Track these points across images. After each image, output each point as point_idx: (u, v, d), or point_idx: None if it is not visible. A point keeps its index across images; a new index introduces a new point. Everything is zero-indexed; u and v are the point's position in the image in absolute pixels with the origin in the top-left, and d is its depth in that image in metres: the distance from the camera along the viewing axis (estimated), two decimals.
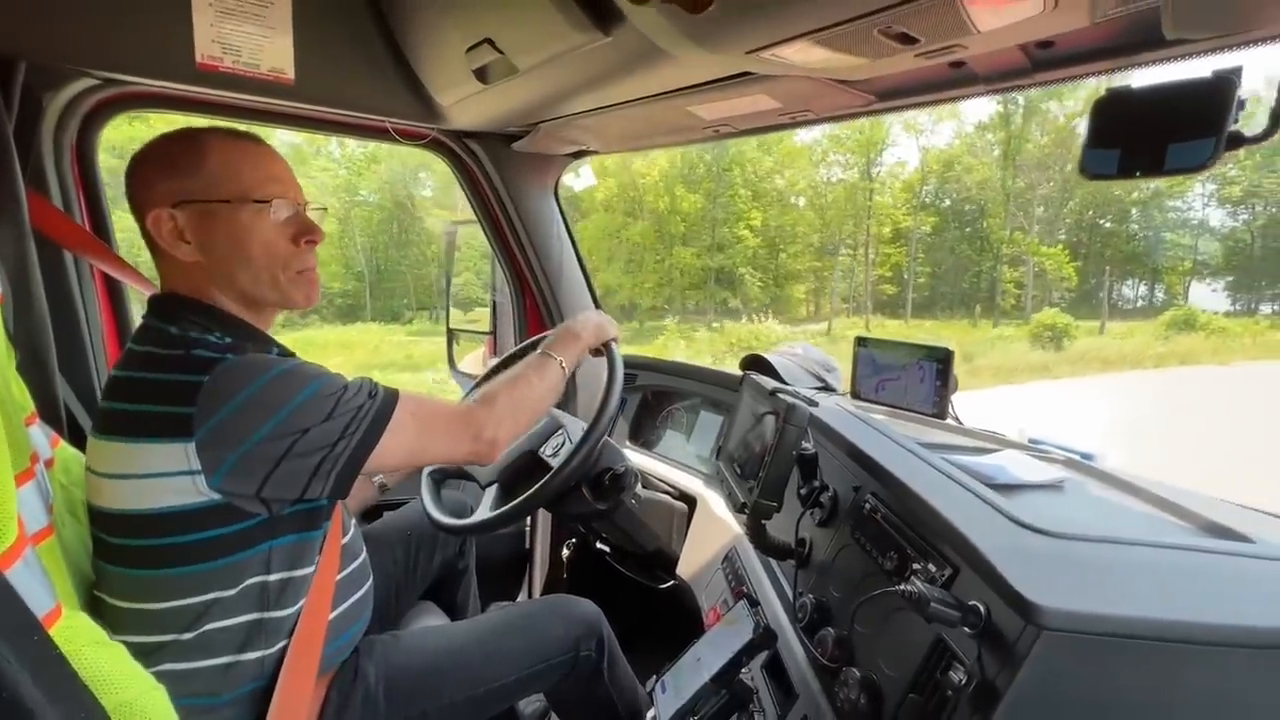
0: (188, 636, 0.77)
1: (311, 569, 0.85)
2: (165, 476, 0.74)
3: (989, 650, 0.60)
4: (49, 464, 0.87)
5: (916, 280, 28.44)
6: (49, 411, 1.01)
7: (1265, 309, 26.72)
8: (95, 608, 0.81)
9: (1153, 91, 0.78)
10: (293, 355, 0.89)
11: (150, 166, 0.81)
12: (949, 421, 1.25)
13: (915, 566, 0.74)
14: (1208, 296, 27.45)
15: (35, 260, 1.01)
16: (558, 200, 1.80)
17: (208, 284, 0.83)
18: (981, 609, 0.62)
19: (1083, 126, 0.84)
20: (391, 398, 0.84)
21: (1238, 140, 0.74)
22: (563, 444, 1.32)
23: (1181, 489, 0.94)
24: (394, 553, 1.26)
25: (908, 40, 0.76)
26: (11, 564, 0.62)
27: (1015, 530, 0.69)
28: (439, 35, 1.21)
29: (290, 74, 1.26)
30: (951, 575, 0.69)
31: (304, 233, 0.85)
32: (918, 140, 27.75)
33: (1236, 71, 0.73)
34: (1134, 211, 28.04)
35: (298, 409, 0.75)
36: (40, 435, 0.88)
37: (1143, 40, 0.82)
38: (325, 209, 0.92)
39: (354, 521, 1.01)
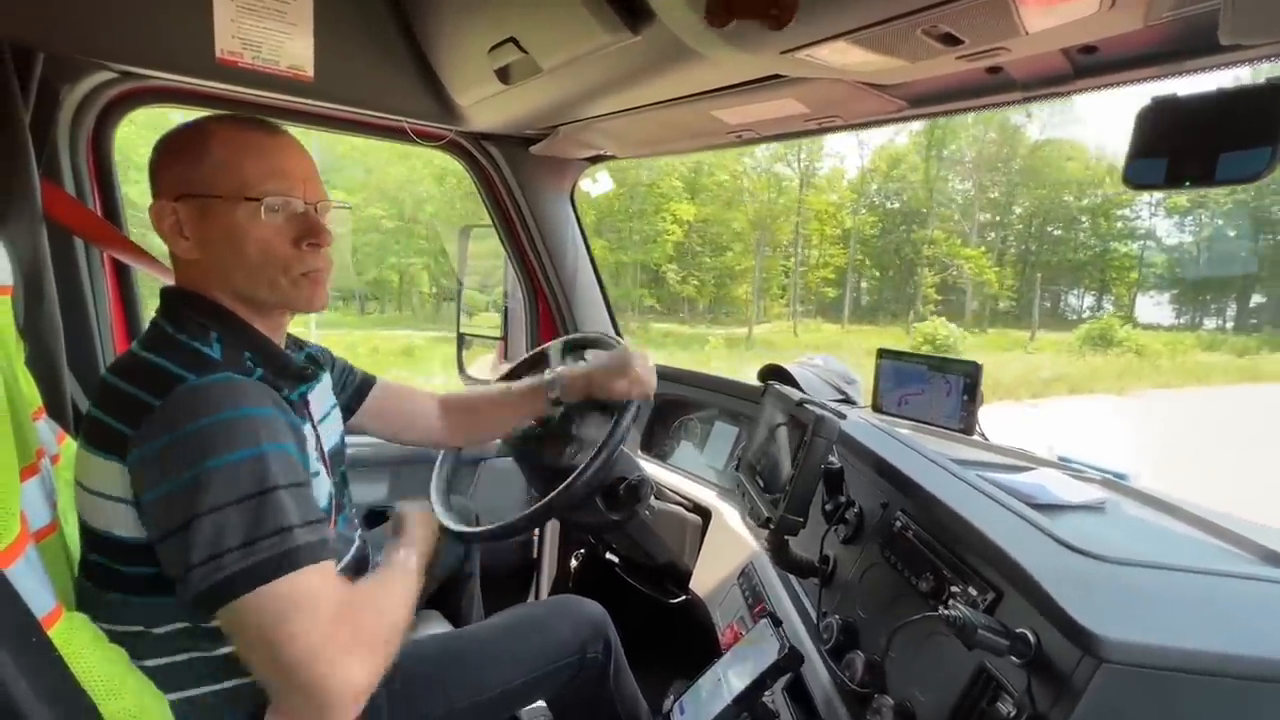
0: (172, 660, 0.73)
1: None
2: (108, 499, 0.69)
3: (1040, 681, 0.56)
4: (54, 460, 0.85)
5: (866, 283, 28.05)
6: (56, 406, 0.99)
7: (1209, 323, 26.46)
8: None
9: (1203, 99, 0.75)
10: (296, 370, 0.83)
11: (162, 154, 0.78)
12: (975, 438, 1.21)
13: (954, 589, 0.71)
14: (1152, 308, 27.40)
15: (48, 253, 1.00)
16: (574, 205, 1.78)
17: (208, 282, 0.79)
18: (1031, 637, 0.58)
19: (1032, 127, 0.80)
20: (324, 546, 0.68)
21: None
22: (578, 451, 1.29)
23: (1225, 513, 0.90)
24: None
25: (951, 41, 0.73)
26: (13, 561, 0.59)
27: (1063, 553, 0.65)
28: (462, 34, 1.20)
29: (309, 71, 1.25)
30: (995, 599, 0.65)
31: (306, 234, 0.78)
32: (857, 135, 26.59)
33: None
34: (1084, 219, 27.54)
35: (232, 466, 0.64)
36: (47, 430, 0.86)
37: (1192, 46, 0.79)
38: (349, 207, 0.88)
39: (358, 535, 0.97)
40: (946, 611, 0.61)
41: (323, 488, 0.84)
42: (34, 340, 0.96)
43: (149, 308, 1.39)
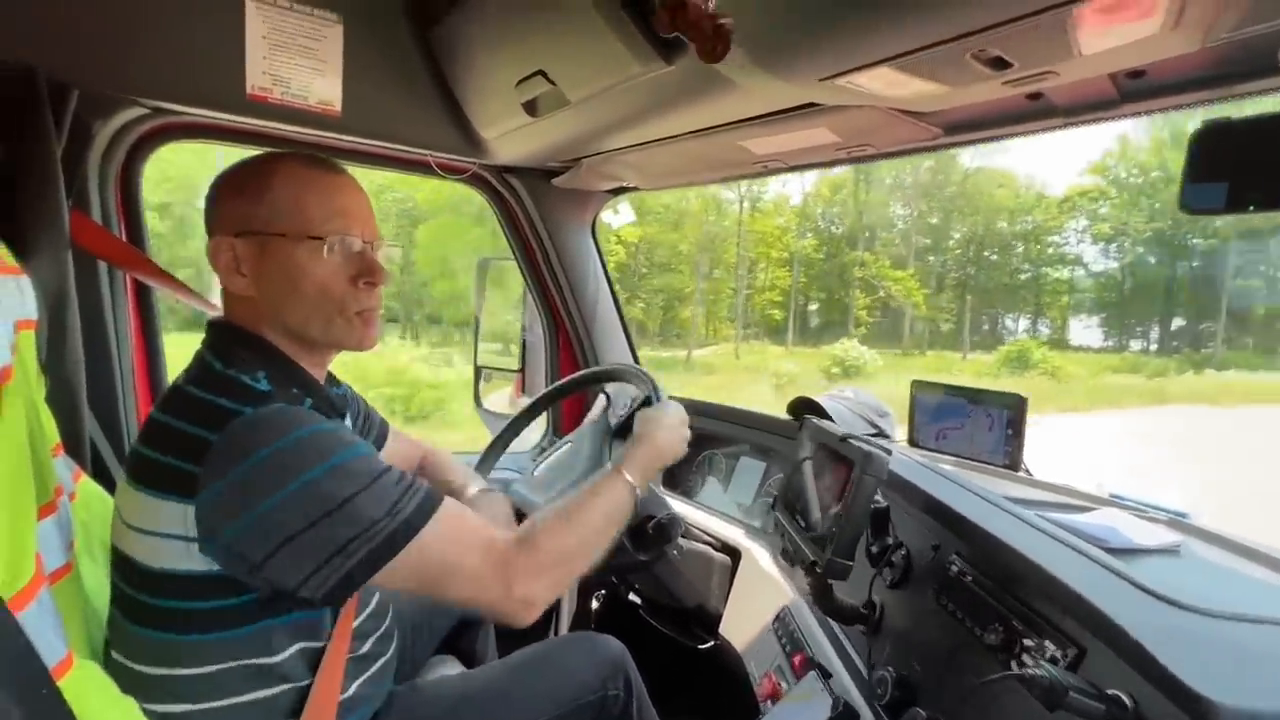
0: (198, 708, 0.70)
1: (321, 644, 0.76)
2: (168, 538, 0.68)
3: None
4: (71, 497, 0.82)
5: (815, 305, 28.50)
6: (74, 443, 0.96)
7: (1135, 345, 28.17)
8: (108, 662, 0.74)
9: (1265, 120, 0.72)
10: (337, 407, 0.84)
11: (222, 191, 0.78)
12: (1020, 474, 1.16)
13: (1027, 643, 0.65)
14: (1083, 331, 28.96)
15: (73, 286, 0.98)
16: (595, 238, 1.77)
17: (259, 320, 0.78)
18: (1127, 700, 0.53)
19: (964, 155, 0.78)
20: (431, 501, 0.73)
21: None
22: None
23: None
24: (414, 601, 1.18)
25: (1000, 65, 0.72)
26: (25, 605, 0.56)
27: (1152, 604, 0.60)
28: (489, 68, 1.20)
29: (337, 107, 1.26)
30: (1078, 656, 0.60)
31: (364, 273, 0.79)
32: None
33: None
34: (1018, 245, 28.68)
35: (312, 484, 0.66)
36: (64, 467, 0.83)
37: (1245, 68, 0.77)
38: (400, 247, 0.87)
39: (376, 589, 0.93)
40: (1031, 670, 0.56)
41: None
42: (55, 375, 0.94)
43: (171, 343, 1.38)
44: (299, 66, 1.22)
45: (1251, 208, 0.77)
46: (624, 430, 1.25)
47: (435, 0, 1.22)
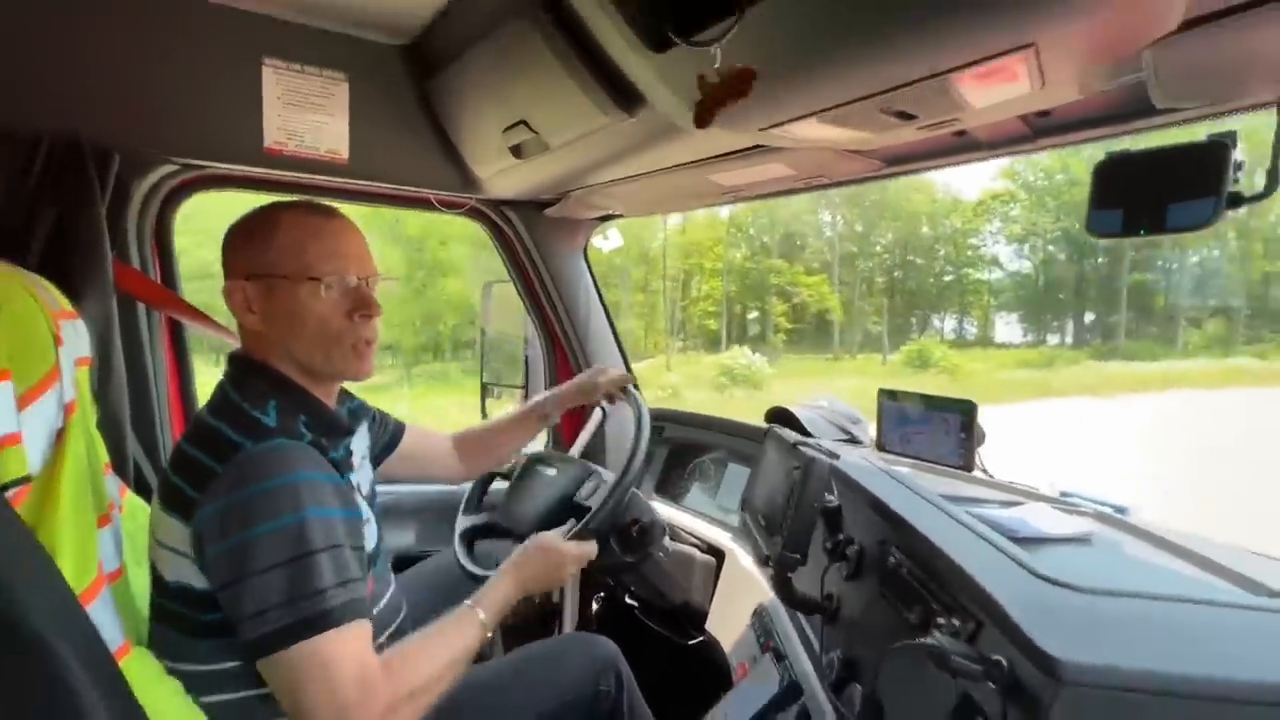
0: (217, 699, 0.80)
1: None
2: (178, 554, 0.78)
3: (1014, 706, 0.60)
4: (120, 510, 0.95)
5: (750, 315, 28.89)
6: (119, 463, 1.10)
7: (1053, 339, 29.71)
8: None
9: (1151, 155, 0.82)
10: (343, 425, 0.93)
11: (233, 239, 0.89)
12: (977, 474, 1.25)
13: (940, 621, 0.75)
14: (1004, 328, 30.66)
15: (117, 326, 1.12)
16: (587, 261, 1.89)
17: (269, 352, 0.88)
18: (1004, 663, 0.62)
19: None
20: (359, 606, 0.76)
21: (1238, 200, 0.77)
22: (596, 488, 1.35)
23: (1219, 544, 0.92)
24: (421, 601, 1.29)
25: (908, 116, 0.82)
26: (92, 599, 0.68)
27: (1037, 584, 0.69)
28: (479, 117, 1.33)
29: (345, 154, 1.40)
30: (975, 629, 0.69)
31: (359, 307, 0.87)
32: None
33: (1231, 136, 0.76)
34: (940, 248, 29.86)
35: (282, 530, 0.73)
36: (113, 484, 0.96)
37: (1137, 109, 0.86)
38: (396, 279, 0.98)
39: (390, 585, 1.04)
40: (924, 640, 0.65)
41: (372, 530, 0.94)
42: (103, 404, 1.08)
43: (199, 372, 1.52)
44: (310, 121, 1.36)
45: (1142, 232, 0.86)
46: (575, 510, 1.32)
47: (431, 56, 1.35)
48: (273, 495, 0.74)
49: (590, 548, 1.12)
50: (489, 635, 0.93)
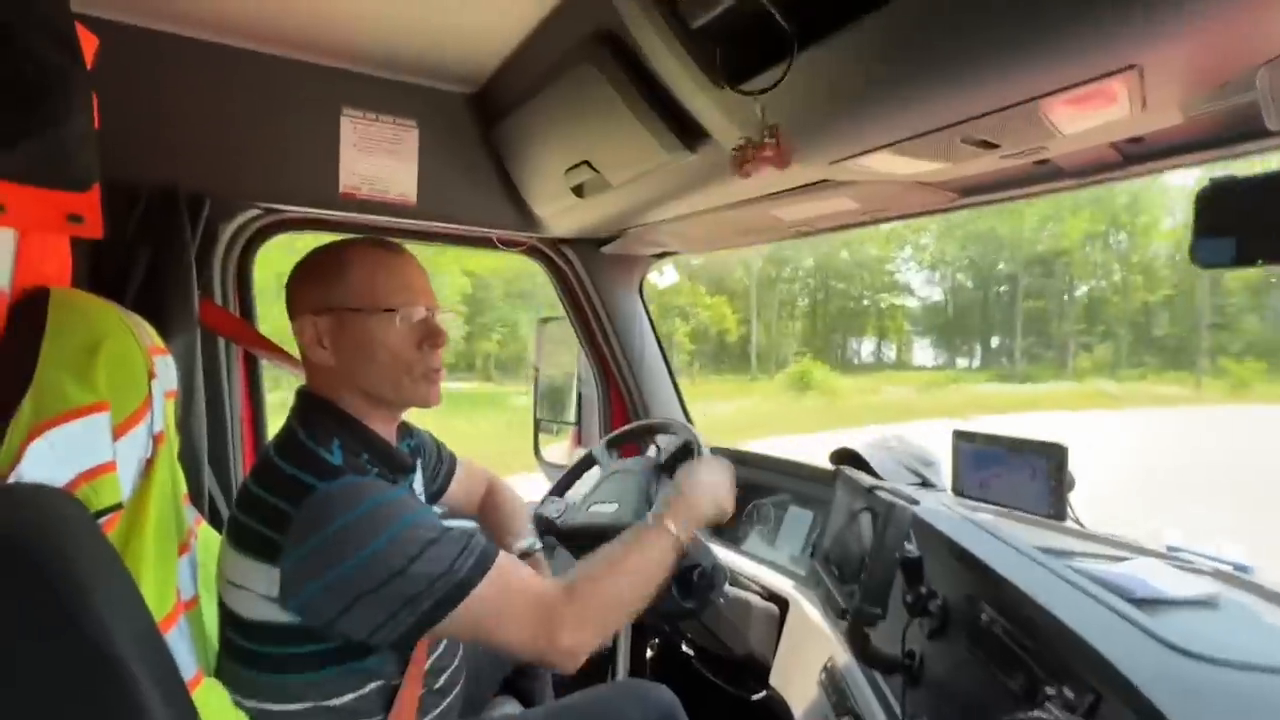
0: None
1: (395, 683, 0.85)
2: (256, 594, 0.78)
3: None
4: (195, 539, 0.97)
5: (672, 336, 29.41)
6: (196, 494, 1.13)
7: (962, 363, 32.15)
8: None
9: (1270, 179, 0.76)
10: (403, 462, 0.94)
11: (303, 276, 0.92)
12: (1069, 524, 1.15)
13: (1049, 691, 0.67)
14: (919, 352, 32.92)
15: (200, 362, 1.17)
16: (643, 298, 1.89)
17: (338, 385, 0.90)
18: None
19: None
20: (485, 559, 0.80)
21: None
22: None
23: None
24: (477, 645, 1.27)
25: (990, 145, 0.79)
26: (170, 628, 0.69)
27: (1165, 653, 0.61)
28: (542, 159, 1.37)
29: (413, 198, 1.45)
30: (1094, 703, 0.62)
31: (428, 337, 0.90)
32: None
33: None
34: (861, 274, 30.85)
35: (379, 552, 0.75)
36: (190, 514, 0.99)
37: (1240, 132, 0.81)
38: (457, 313, 0.99)
39: None
40: (1036, 714, 0.58)
41: None
42: (184, 436, 1.12)
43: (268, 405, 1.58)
44: (382, 165, 1.42)
45: (1260, 261, 0.79)
46: (670, 467, 1.32)
47: (496, 104, 1.40)
48: (368, 518, 0.76)
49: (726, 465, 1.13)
50: (683, 547, 0.96)
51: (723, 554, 1.59)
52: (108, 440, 0.74)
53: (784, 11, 0.70)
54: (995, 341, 32.07)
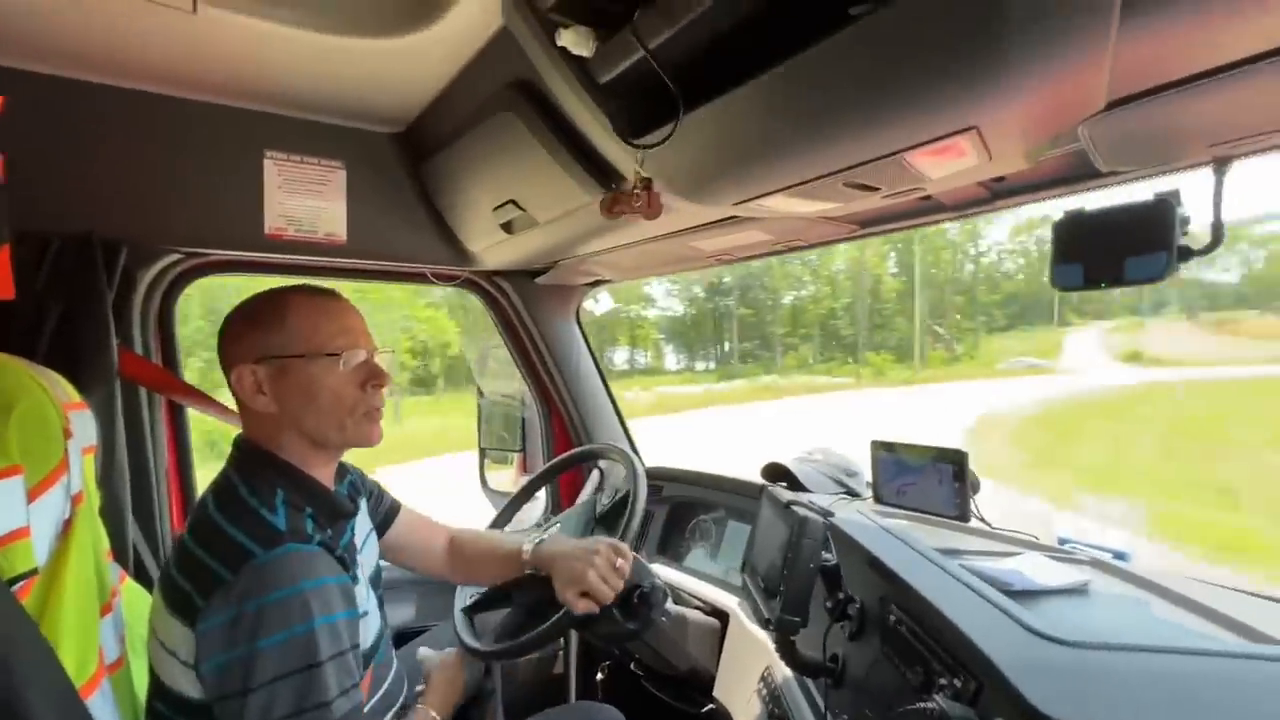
0: None
1: None
2: (175, 657, 0.77)
3: None
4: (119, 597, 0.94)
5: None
6: (120, 549, 1.10)
7: (701, 365, 37.59)
8: None
9: (1106, 213, 0.86)
10: (343, 509, 0.94)
11: (238, 326, 0.91)
12: (975, 524, 1.25)
13: (941, 682, 0.74)
14: (670, 358, 38.57)
15: (121, 413, 1.15)
16: (580, 326, 1.94)
17: (278, 433, 0.90)
18: None
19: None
20: (350, 717, 0.77)
21: (1187, 253, 0.82)
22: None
23: (1217, 589, 0.92)
24: (414, 678, 1.26)
25: (871, 188, 0.87)
26: (92, 692, 0.68)
27: (1032, 640, 0.69)
28: (470, 198, 1.40)
29: (342, 236, 1.46)
30: (976, 691, 0.69)
31: (371, 378, 0.91)
32: None
33: (1174, 194, 0.81)
34: (615, 288, 35.01)
35: (295, 639, 0.74)
36: (114, 571, 0.96)
37: (1085, 172, 0.92)
38: (393, 351, 1.01)
39: (393, 665, 1.03)
40: (924, 704, 0.65)
41: (373, 624, 0.93)
42: (106, 491, 1.09)
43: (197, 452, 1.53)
44: (309, 206, 1.43)
45: (1103, 285, 0.90)
46: (607, 517, 1.35)
47: (423, 143, 1.43)
48: (284, 606, 0.75)
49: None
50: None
51: (665, 572, 1.64)
52: (21, 504, 0.72)
53: (673, 74, 0.77)
54: (727, 345, 37.94)
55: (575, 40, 0.82)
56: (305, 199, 1.43)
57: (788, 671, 1.18)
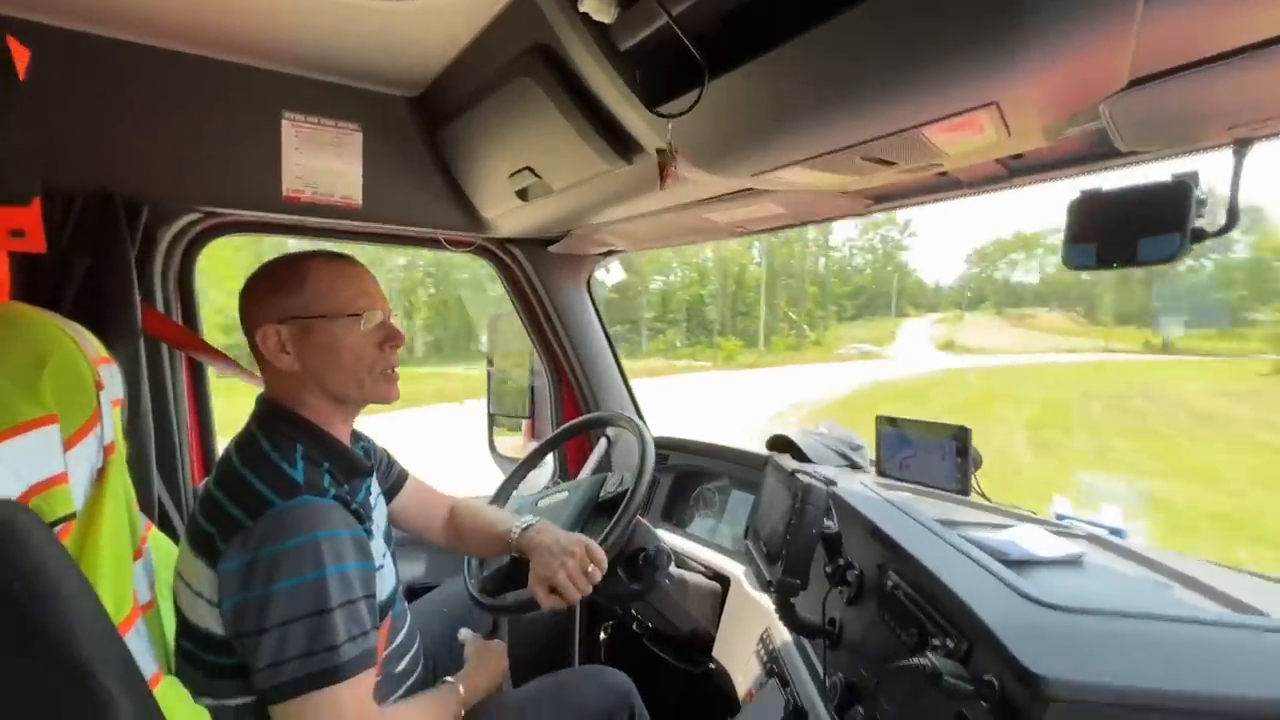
0: None
1: None
2: (200, 596, 0.83)
3: None
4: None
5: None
6: (145, 501, 1.14)
7: None
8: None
9: (1122, 193, 0.87)
10: (360, 467, 0.98)
11: (260, 288, 0.95)
12: (975, 498, 1.27)
13: (934, 642, 0.77)
14: None
15: (146, 370, 1.18)
16: (591, 295, 1.95)
17: (301, 390, 0.94)
18: (995, 683, 0.65)
19: None
20: (367, 658, 0.82)
21: (1200, 235, 0.82)
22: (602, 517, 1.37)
23: (1210, 566, 0.95)
24: (434, 630, 1.32)
25: (887, 163, 0.88)
26: (129, 630, 0.72)
27: (1024, 605, 0.72)
28: (486, 163, 1.40)
29: (358, 199, 1.47)
30: (967, 650, 0.72)
31: (389, 338, 0.96)
32: None
33: (1192, 176, 0.82)
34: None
35: (309, 584, 0.78)
36: (141, 519, 1.00)
37: (1105, 150, 0.92)
38: (399, 315, 1.04)
39: (407, 619, 1.08)
40: (918, 661, 0.68)
41: (388, 577, 0.97)
42: (131, 443, 1.12)
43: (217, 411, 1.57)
44: (326, 169, 1.43)
45: (1115, 264, 0.91)
46: (607, 506, 1.38)
47: (439, 108, 1.43)
48: (297, 553, 0.79)
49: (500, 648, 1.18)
50: (463, 710, 1.02)
51: (669, 537, 1.68)
52: (59, 452, 0.75)
53: (697, 42, 0.77)
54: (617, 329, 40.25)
55: (596, 5, 0.82)
56: (322, 161, 1.43)
57: (786, 634, 1.22)
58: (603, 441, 1.92)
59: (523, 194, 1.38)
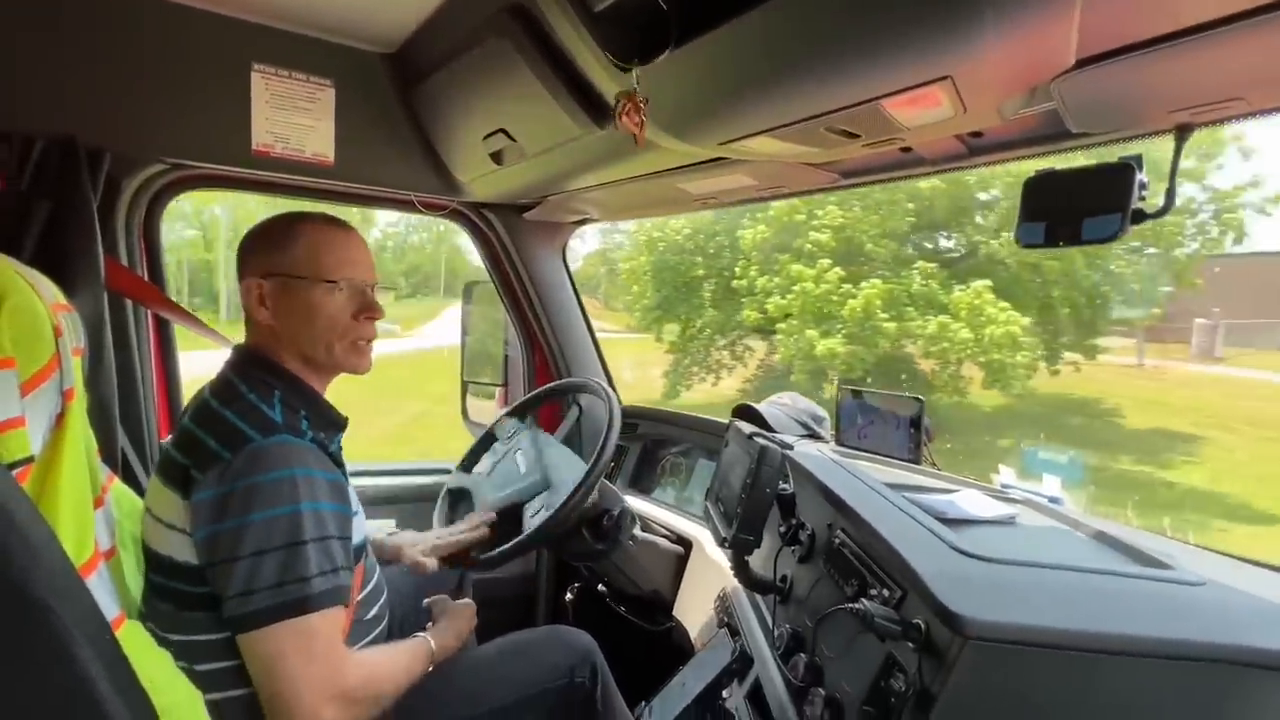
0: (216, 666, 0.86)
1: None
2: (171, 528, 0.84)
3: (928, 662, 0.68)
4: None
5: None
6: (109, 451, 1.14)
7: None
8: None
9: (1071, 174, 0.91)
10: (337, 421, 1.00)
11: (253, 241, 0.97)
12: (926, 467, 1.33)
13: (872, 592, 0.82)
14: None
15: (108, 320, 1.17)
16: (565, 264, 1.96)
17: (277, 344, 0.96)
18: (922, 625, 0.70)
19: None
20: (345, 593, 0.85)
21: (1140, 215, 0.86)
22: (539, 510, 1.37)
23: (1141, 532, 1.01)
24: (400, 585, 1.34)
25: (852, 135, 0.90)
26: (90, 573, 0.73)
27: (955, 557, 0.77)
28: (460, 125, 1.40)
29: (330, 157, 1.45)
30: (901, 598, 0.77)
31: (365, 309, 0.98)
32: None
33: (1136, 159, 0.85)
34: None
35: (283, 517, 0.80)
36: (103, 469, 1.01)
37: (1059, 131, 0.95)
38: (394, 288, 1.05)
39: (377, 570, 1.10)
40: (851, 605, 0.73)
41: (361, 524, 1.00)
42: (94, 394, 1.12)
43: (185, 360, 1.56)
44: (297, 125, 1.41)
45: (1060, 243, 0.95)
46: (567, 441, 1.43)
47: (414, 67, 1.41)
48: (274, 486, 0.81)
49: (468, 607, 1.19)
50: (432, 665, 1.03)
51: (636, 503, 1.72)
52: (15, 396, 0.75)
53: (671, 3, 0.78)
54: None
55: None
56: (294, 116, 1.41)
57: (741, 591, 1.28)
58: (574, 409, 1.95)
59: (497, 157, 1.38)
